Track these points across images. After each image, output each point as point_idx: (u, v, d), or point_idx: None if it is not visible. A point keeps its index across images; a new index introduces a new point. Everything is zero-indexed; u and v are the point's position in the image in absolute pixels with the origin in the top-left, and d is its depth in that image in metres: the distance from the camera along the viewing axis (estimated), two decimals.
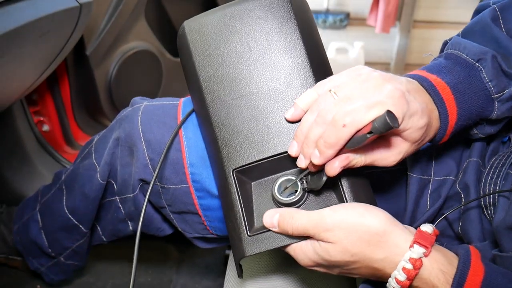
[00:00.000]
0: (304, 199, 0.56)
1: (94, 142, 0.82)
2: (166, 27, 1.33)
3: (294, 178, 0.56)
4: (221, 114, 0.58)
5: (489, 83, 0.56)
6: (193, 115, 0.71)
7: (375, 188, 0.66)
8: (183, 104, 0.73)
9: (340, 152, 0.49)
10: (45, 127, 1.22)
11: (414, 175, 0.65)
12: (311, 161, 0.51)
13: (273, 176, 0.57)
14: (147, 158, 0.71)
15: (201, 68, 0.60)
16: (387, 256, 0.49)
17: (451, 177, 0.66)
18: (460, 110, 0.55)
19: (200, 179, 0.68)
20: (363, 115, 0.47)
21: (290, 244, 0.54)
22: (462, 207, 0.61)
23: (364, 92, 0.49)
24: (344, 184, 0.54)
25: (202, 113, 0.60)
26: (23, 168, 1.17)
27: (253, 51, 0.59)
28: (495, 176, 0.59)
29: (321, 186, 0.53)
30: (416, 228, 0.51)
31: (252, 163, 0.56)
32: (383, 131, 0.45)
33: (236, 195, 0.56)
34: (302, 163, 0.53)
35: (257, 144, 0.56)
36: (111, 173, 0.78)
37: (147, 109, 0.73)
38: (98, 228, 0.88)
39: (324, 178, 0.52)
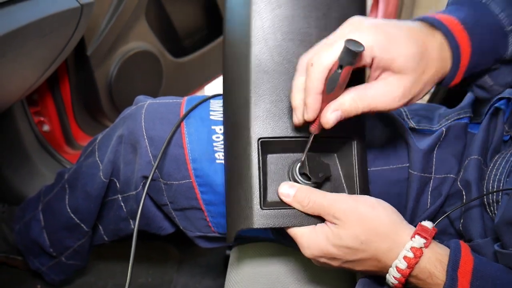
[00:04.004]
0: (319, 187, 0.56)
1: (97, 141, 0.82)
2: (167, 27, 1.33)
3: (317, 159, 0.56)
4: (263, 77, 0.56)
5: (501, 14, 0.52)
6: (195, 112, 0.71)
7: (377, 186, 0.67)
8: (187, 102, 0.74)
9: (326, 102, 0.49)
10: (46, 127, 1.22)
11: (415, 173, 0.66)
12: (306, 122, 0.52)
13: (291, 154, 0.58)
14: (150, 155, 0.71)
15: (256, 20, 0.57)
16: (391, 247, 0.50)
17: (451, 175, 0.66)
18: (472, 44, 0.51)
19: (202, 174, 0.69)
20: (326, 49, 0.47)
21: (299, 226, 0.54)
22: (463, 205, 0.62)
23: (335, 36, 0.49)
24: (359, 178, 0.57)
25: (239, 72, 0.57)
26: (23, 168, 1.17)
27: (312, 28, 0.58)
28: (498, 173, 0.60)
29: (329, 173, 0.56)
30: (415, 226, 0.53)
31: (281, 137, 0.56)
32: (350, 59, 0.44)
33: (257, 165, 0.54)
34: (294, 119, 0.52)
35: (291, 120, 0.55)
36: (114, 171, 0.78)
37: (150, 107, 0.73)
38: (100, 227, 0.89)
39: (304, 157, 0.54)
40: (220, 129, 0.70)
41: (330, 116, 0.49)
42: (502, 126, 0.65)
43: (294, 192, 0.53)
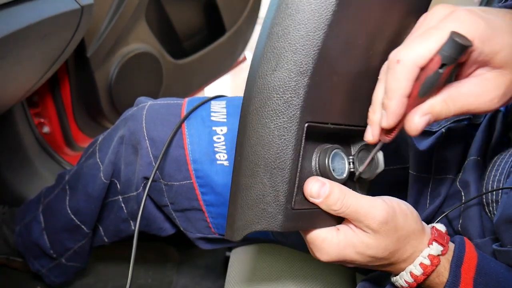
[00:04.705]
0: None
1: (98, 142, 0.83)
2: (167, 29, 1.34)
3: (344, 155, 0.48)
4: (332, 44, 0.43)
5: None
6: (195, 113, 0.72)
7: (377, 186, 0.67)
8: (188, 103, 0.74)
9: (411, 106, 0.41)
10: (46, 129, 1.22)
11: (415, 173, 0.66)
12: (382, 130, 0.44)
13: (322, 144, 0.48)
14: (151, 156, 0.71)
15: None
16: (413, 253, 0.47)
17: (451, 176, 0.67)
18: None
19: (203, 175, 0.69)
20: (418, 44, 0.39)
21: (320, 227, 0.46)
22: (463, 205, 0.62)
23: (423, 27, 0.42)
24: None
25: (305, 33, 0.43)
26: (23, 169, 1.17)
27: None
28: (498, 174, 0.60)
29: (373, 176, 0.48)
30: None
31: (332, 124, 0.47)
32: (456, 55, 0.37)
33: (299, 154, 0.44)
34: (368, 134, 0.45)
35: (345, 105, 0.47)
36: (115, 172, 0.79)
37: (151, 108, 0.74)
38: (100, 228, 0.89)
39: (379, 170, 0.47)
40: (221, 130, 0.70)
41: (419, 121, 0.42)
42: (501, 127, 0.66)
43: (327, 193, 0.44)
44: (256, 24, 1.62)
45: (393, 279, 0.50)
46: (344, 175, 0.48)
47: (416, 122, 0.42)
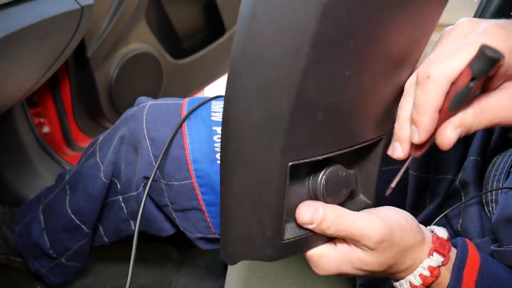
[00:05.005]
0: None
1: (98, 142, 0.83)
2: (167, 29, 1.34)
3: (342, 171, 0.45)
4: (313, 82, 0.37)
5: None
6: (196, 113, 0.72)
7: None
8: (188, 103, 0.74)
9: (442, 120, 0.41)
10: (46, 129, 1.22)
11: (414, 173, 0.66)
12: (412, 145, 0.43)
13: (313, 167, 0.45)
14: (151, 155, 0.71)
15: None
16: (412, 264, 0.46)
17: (450, 176, 0.67)
18: None
19: (203, 174, 0.69)
20: (449, 59, 0.39)
21: (315, 246, 0.45)
22: (462, 204, 0.62)
23: (450, 41, 0.41)
24: (377, 180, 0.48)
25: (279, 75, 0.36)
26: (23, 169, 1.17)
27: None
28: (498, 174, 0.60)
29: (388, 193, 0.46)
30: None
31: (320, 155, 0.42)
32: (487, 68, 0.36)
33: (283, 193, 0.41)
34: (398, 151, 0.44)
35: (334, 134, 0.42)
36: (115, 172, 0.79)
37: (152, 108, 0.74)
38: (100, 228, 0.89)
39: (393, 185, 0.45)
40: None
41: (451, 135, 0.41)
42: (500, 128, 0.66)
43: (320, 219, 0.43)
44: None
45: (394, 284, 0.49)
46: (341, 195, 0.46)
47: (448, 136, 0.41)
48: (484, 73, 0.37)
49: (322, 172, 0.44)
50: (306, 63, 0.35)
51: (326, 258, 0.45)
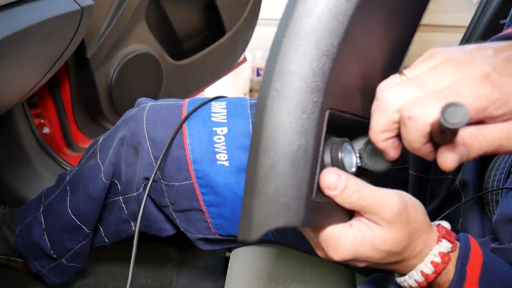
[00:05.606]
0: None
1: (99, 143, 0.83)
2: (167, 30, 1.34)
3: (351, 148, 0.46)
4: (360, 28, 0.40)
5: None
6: (196, 113, 0.72)
7: (375, 185, 0.67)
8: (188, 104, 0.74)
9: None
10: (46, 130, 1.22)
11: (414, 173, 0.66)
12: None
13: (332, 137, 0.45)
14: (151, 156, 0.71)
15: None
16: (422, 250, 0.46)
17: (450, 176, 0.67)
18: None
19: (203, 175, 0.69)
20: (431, 102, 0.38)
21: (333, 223, 0.44)
22: (462, 204, 0.62)
23: (437, 77, 0.40)
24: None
25: (321, 36, 0.40)
26: (23, 170, 1.18)
27: None
28: (498, 174, 0.60)
29: (381, 170, 0.46)
30: None
31: (351, 114, 0.44)
32: (449, 130, 0.35)
33: (319, 142, 0.41)
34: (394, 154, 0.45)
35: (360, 96, 0.44)
36: (115, 173, 0.79)
37: (152, 108, 0.74)
38: (101, 229, 0.89)
39: (383, 167, 0.45)
40: (222, 131, 0.70)
41: (451, 159, 0.40)
42: None
43: (343, 186, 0.42)
44: (256, 25, 1.62)
45: (400, 279, 0.48)
46: (353, 169, 0.46)
47: (450, 159, 0.40)
48: (450, 130, 0.35)
49: (341, 144, 0.45)
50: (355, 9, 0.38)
51: (344, 237, 0.44)
